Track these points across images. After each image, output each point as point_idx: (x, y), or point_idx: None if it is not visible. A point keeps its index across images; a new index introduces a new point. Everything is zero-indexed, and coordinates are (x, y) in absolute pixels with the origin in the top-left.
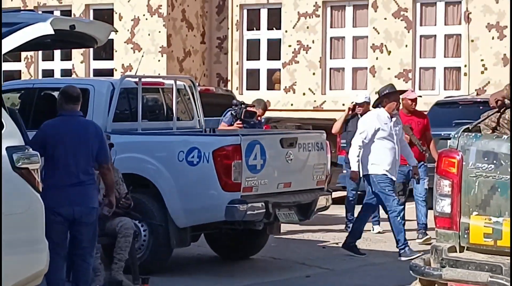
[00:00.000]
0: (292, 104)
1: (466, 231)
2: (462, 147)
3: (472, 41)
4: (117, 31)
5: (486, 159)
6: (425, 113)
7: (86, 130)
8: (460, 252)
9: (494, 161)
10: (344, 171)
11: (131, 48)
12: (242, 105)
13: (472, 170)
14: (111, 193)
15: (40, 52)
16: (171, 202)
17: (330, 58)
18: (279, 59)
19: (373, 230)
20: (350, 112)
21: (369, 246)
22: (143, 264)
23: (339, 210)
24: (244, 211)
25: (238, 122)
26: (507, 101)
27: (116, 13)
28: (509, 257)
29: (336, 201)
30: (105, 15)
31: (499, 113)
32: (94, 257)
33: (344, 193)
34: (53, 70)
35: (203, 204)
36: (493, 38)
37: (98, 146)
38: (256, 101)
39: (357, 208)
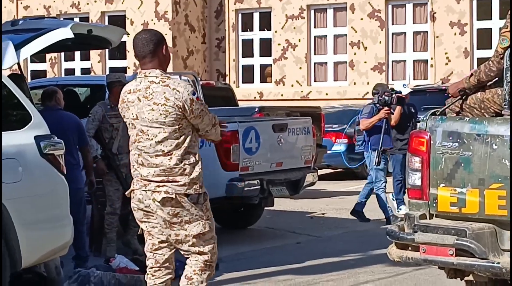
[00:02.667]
0: (282, 95)
1: (434, 201)
2: (430, 128)
3: (437, 37)
4: (129, 34)
5: (451, 138)
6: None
7: (68, 121)
8: (429, 219)
9: (458, 140)
10: (329, 151)
11: None
12: (392, 92)
13: (439, 148)
14: (90, 173)
15: (62, 54)
16: None
17: (314, 54)
18: (270, 56)
19: (399, 210)
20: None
21: (350, 216)
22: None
23: (324, 185)
24: (242, 187)
25: (386, 108)
26: (467, 91)
27: (128, 18)
28: (472, 222)
29: (322, 178)
30: (118, 21)
31: (461, 100)
32: (84, 225)
33: (328, 171)
34: (74, 69)
35: (206, 182)
36: (455, 34)
37: (77, 133)
38: (380, 85)
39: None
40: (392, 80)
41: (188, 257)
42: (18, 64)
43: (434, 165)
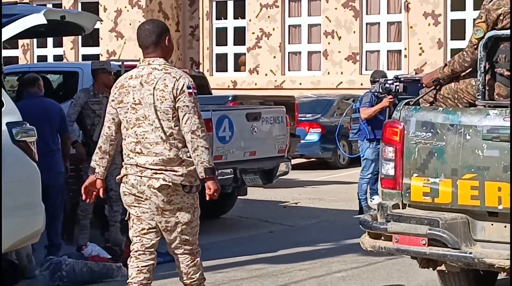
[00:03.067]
0: (256, 84)
1: (407, 191)
2: (404, 118)
3: (411, 27)
4: (102, 21)
5: (424, 128)
6: None
7: (51, 108)
8: (402, 208)
9: (431, 130)
10: (302, 141)
11: (115, 36)
12: (396, 79)
13: (413, 137)
14: (66, 160)
15: (35, 40)
16: None
17: (289, 43)
18: (244, 45)
19: (372, 200)
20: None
21: (324, 206)
22: (127, 225)
23: (297, 175)
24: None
25: (390, 96)
26: (441, 81)
27: (101, 5)
28: (445, 212)
29: (295, 167)
30: (92, 7)
31: (435, 90)
32: (62, 211)
33: (301, 160)
34: (46, 55)
35: None
36: (429, 24)
37: (59, 120)
38: (378, 72)
39: None
40: (366, 70)
41: (174, 253)
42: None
43: (407, 155)
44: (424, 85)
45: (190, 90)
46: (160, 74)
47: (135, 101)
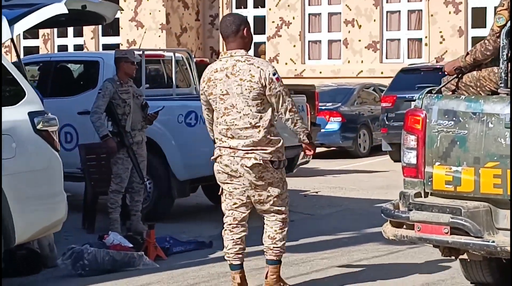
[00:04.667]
0: None
1: (429, 179)
2: (426, 107)
3: (432, 15)
4: (122, 10)
5: (446, 116)
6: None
7: None
8: (424, 197)
9: (454, 118)
10: (323, 130)
11: (135, 25)
12: None
13: (435, 126)
14: None
15: (55, 30)
16: (172, 158)
17: (309, 32)
18: (264, 34)
19: None
20: None
21: (344, 194)
22: (149, 212)
23: (318, 164)
24: None
25: None
26: (463, 69)
27: None
28: (467, 201)
29: (315, 156)
30: None
31: (457, 78)
32: None
33: (322, 149)
34: (67, 45)
35: (200, 160)
36: (450, 13)
37: None
38: None
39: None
40: (386, 58)
41: (264, 218)
42: (12, 39)
43: (429, 143)
44: (446, 73)
45: (276, 76)
46: (244, 65)
47: (222, 92)
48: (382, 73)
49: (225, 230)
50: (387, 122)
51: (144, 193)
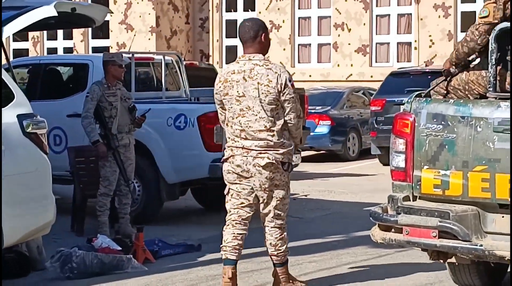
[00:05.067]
0: None
1: (418, 183)
2: (415, 110)
3: (421, 19)
4: (112, 12)
5: (435, 120)
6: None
7: None
8: (413, 201)
9: (442, 122)
10: (312, 133)
11: (125, 28)
12: None
13: (423, 130)
14: None
15: (45, 32)
16: (161, 161)
17: (298, 36)
18: None
19: None
20: None
21: (333, 198)
22: (138, 215)
23: (307, 167)
24: None
25: None
26: (452, 70)
27: None
28: (456, 205)
29: (305, 159)
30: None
31: (446, 81)
32: None
33: (311, 152)
34: (56, 48)
35: (189, 163)
36: (439, 17)
37: None
38: None
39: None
40: (376, 62)
41: (265, 226)
42: (1, 42)
43: (418, 147)
44: (444, 70)
45: (291, 82)
46: (262, 69)
47: (239, 93)
48: (371, 76)
49: (227, 225)
50: (376, 126)
51: (133, 196)
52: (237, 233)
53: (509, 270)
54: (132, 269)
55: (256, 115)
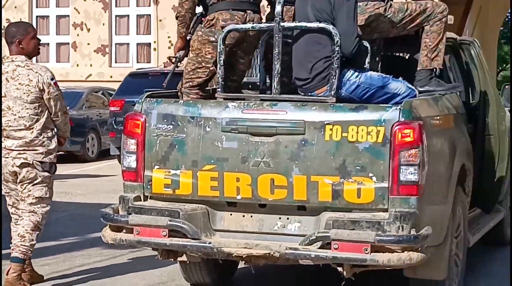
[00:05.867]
0: None
1: (149, 183)
2: (145, 111)
3: (160, 20)
4: None
5: (165, 120)
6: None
7: None
8: (144, 201)
9: (172, 122)
10: None
11: None
12: None
13: (154, 130)
14: None
15: None
16: None
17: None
18: None
19: None
20: None
21: (70, 199)
22: None
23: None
24: None
25: None
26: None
27: None
28: (186, 204)
29: None
30: None
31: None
32: None
33: None
34: None
35: None
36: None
37: None
38: None
39: None
40: (115, 62)
41: (22, 218)
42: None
43: (149, 147)
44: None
45: (54, 81)
46: (23, 70)
47: (2, 94)
48: (111, 77)
49: (12, 222)
50: (115, 126)
51: None
52: (15, 224)
53: (245, 265)
54: None
55: (15, 115)
